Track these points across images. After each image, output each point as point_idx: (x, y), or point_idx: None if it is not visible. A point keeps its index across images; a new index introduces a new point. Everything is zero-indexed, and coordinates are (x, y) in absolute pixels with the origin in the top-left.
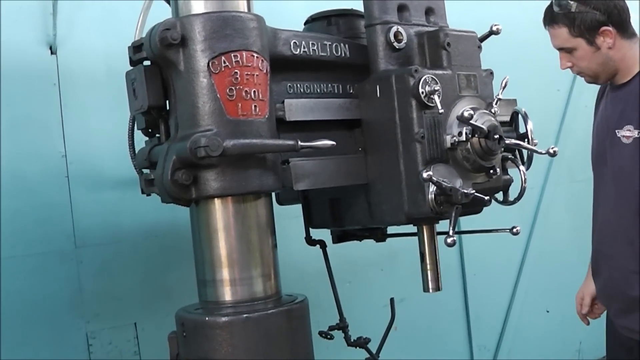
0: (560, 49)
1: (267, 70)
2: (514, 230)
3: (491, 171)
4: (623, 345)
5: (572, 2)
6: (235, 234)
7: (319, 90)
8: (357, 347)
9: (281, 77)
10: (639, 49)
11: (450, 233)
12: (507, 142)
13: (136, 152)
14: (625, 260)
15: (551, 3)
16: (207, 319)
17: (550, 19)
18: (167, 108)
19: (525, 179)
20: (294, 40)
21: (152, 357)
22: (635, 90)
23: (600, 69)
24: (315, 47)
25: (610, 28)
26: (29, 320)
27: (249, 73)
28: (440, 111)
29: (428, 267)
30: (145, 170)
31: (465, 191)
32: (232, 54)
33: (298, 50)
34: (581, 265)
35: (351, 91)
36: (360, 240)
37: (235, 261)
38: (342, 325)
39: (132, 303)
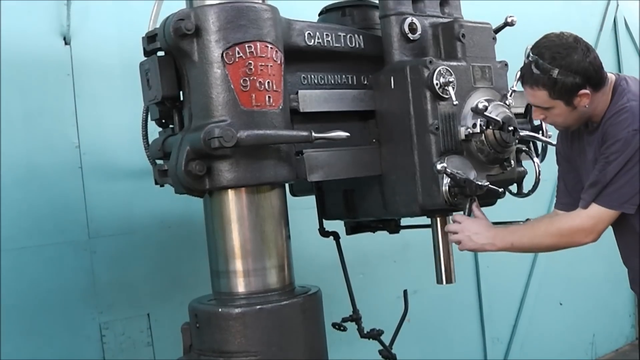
0: (536, 106)
1: (281, 61)
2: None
3: (505, 163)
4: None
5: (554, 68)
6: (248, 225)
7: (333, 81)
8: (370, 339)
9: (295, 67)
10: (610, 91)
11: None
12: (521, 134)
13: (150, 142)
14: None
15: (529, 63)
16: (220, 310)
17: (530, 80)
18: (181, 98)
19: (539, 171)
20: (308, 31)
21: (165, 348)
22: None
23: (574, 122)
24: (329, 38)
25: (587, 90)
26: (42, 310)
27: (263, 64)
28: (455, 103)
29: (441, 259)
30: (159, 161)
31: (480, 183)
32: (246, 45)
33: (312, 41)
34: (595, 257)
35: (365, 82)
36: (374, 232)
37: (248, 252)
38: (355, 317)
39: (145, 294)
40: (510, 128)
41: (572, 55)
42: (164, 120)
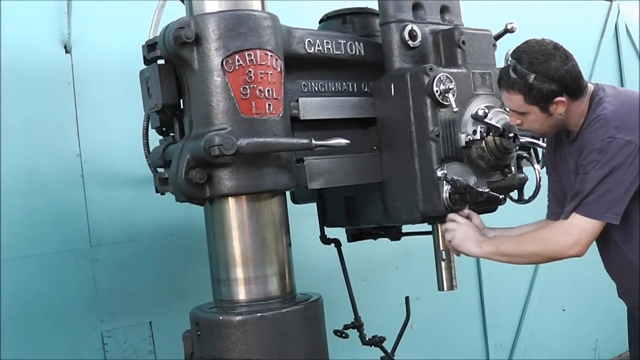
0: (512, 111)
1: (281, 69)
2: None
3: (506, 170)
4: None
5: (530, 73)
6: (249, 233)
7: (333, 89)
8: (372, 346)
9: (296, 75)
10: (588, 101)
11: None
12: (522, 140)
13: (151, 150)
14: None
15: (507, 67)
16: (221, 317)
17: (507, 84)
18: (181, 107)
19: (540, 177)
20: (308, 39)
21: (167, 356)
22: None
23: (550, 130)
24: (329, 46)
25: (563, 98)
26: (44, 318)
27: (263, 72)
28: (455, 109)
29: (443, 265)
30: (160, 169)
31: (480, 189)
32: (246, 53)
33: (312, 48)
34: (597, 263)
35: (366, 89)
36: (376, 239)
37: (249, 260)
38: (357, 324)
39: (147, 302)
40: (511, 135)
41: (549, 61)
42: (164, 129)
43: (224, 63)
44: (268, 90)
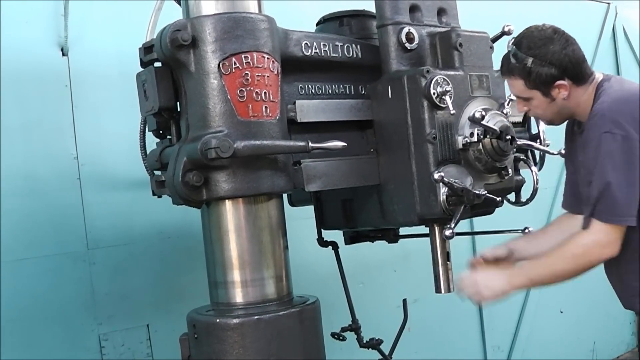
0: (517, 97)
1: (278, 71)
2: (527, 230)
3: (503, 172)
4: None
5: (528, 57)
6: (246, 236)
7: (330, 91)
8: (370, 349)
9: (293, 78)
10: (593, 91)
11: (452, 227)
12: (519, 142)
13: (148, 153)
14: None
15: (507, 53)
16: (218, 320)
17: (507, 70)
18: (178, 109)
19: (537, 179)
20: (305, 41)
21: (165, 359)
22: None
23: (556, 117)
24: (326, 48)
25: (564, 82)
26: (42, 321)
27: (259, 74)
28: (452, 112)
29: (440, 268)
30: (157, 172)
31: (477, 192)
32: (243, 55)
33: (309, 51)
34: None
35: (363, 92)
36: (373, 242)
37: (246, 262)
38: (355, 327)
39: (145, 305)
40: (508, 137)
41: (547, 45)
42: (161, 131)
43: (220, 65)
44: (265, 92)
